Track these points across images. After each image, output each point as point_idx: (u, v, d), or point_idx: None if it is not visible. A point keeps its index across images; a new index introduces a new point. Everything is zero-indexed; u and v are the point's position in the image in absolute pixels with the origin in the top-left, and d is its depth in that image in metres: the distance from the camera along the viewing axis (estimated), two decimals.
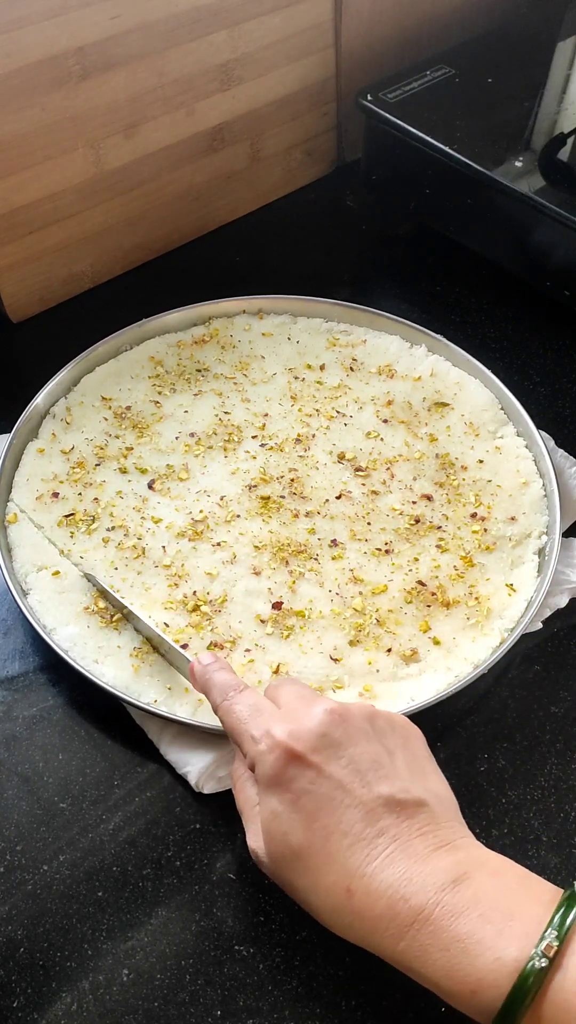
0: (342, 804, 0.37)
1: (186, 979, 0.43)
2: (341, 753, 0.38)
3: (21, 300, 0.72)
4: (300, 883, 0.38)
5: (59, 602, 0.54)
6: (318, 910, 0.38)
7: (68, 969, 0.44)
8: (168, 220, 0.77)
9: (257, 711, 0.41)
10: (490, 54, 0.81)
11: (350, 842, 0.36)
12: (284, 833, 0.38)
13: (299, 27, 0.74)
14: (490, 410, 0.64)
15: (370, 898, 0.35)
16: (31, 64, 0.60)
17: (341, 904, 0.36)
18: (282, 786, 0.38)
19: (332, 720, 0.39)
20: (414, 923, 0.34)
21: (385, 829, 0.37)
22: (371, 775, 0.38)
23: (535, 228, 0.68)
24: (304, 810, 0.37)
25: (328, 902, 0.37)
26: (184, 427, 0.64)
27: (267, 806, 0.39)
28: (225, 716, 0.42)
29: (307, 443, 0.63)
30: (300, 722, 0.39)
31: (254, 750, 0.39)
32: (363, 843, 0.36)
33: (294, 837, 0.37)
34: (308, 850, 0.37)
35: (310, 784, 0.37)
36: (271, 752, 0.39)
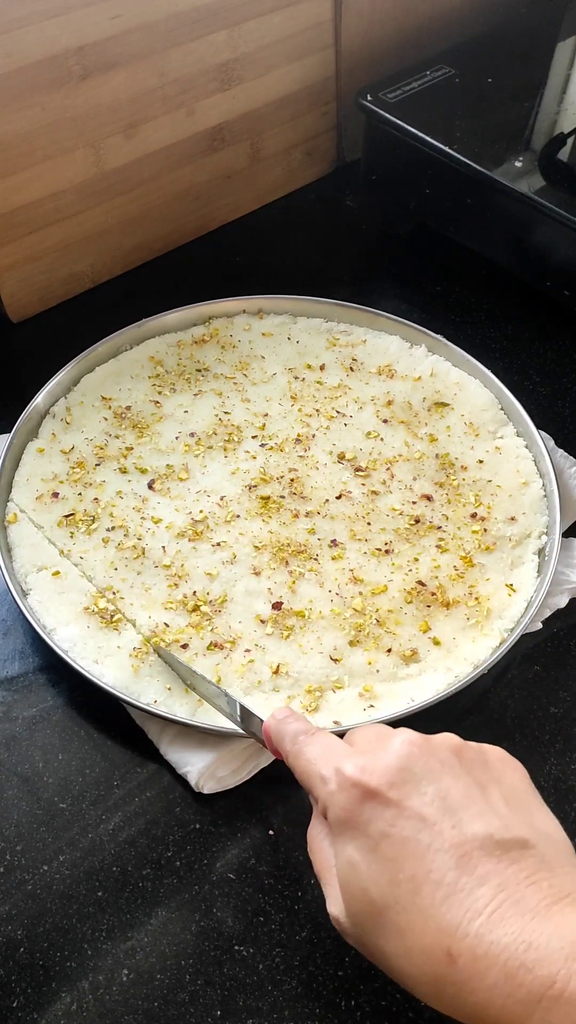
0: (430, 848, 0.31)
1: (186, 979, 0.43)
2: (424, 788, 0.33)
3: (21, 300, 0.72)
4: (389, 947, 0.32)
5: (59, 602, 0.54)
6: (415, 981, 0.31)
7: (68, 969, 0.44)
8: (168, 220, 0.77)
9: (329, 750, 0.36)
10: (490, 54, 0.81)
11: (445, 894, 0.31)
12: (365, 888, 0.32)
13: (299, 27, 0.74)
14: (490, 410, 0.64)
15: (479, 965, 0.29)
16: (31, 64, 0.60)
17: (441, 972, 0.30)
18: (357, 829, 0.33)
19: (411, 752, 0.34)
20: (542, 1000, 0.28)
21: (486, 877, 0.31)
22: (462, 812, 0.32)
23: (535, 228, 0.68)
24: (385, 858, 0.32)
25: (426, 970, 0.31)
26: (184, 427, 0.64)
27: (342, 856, 0.33)
28: (295, 761, 0.38)
29: (307, 443, 0.63)
30: (375, 756, 0.34)
31: (324, 792, 0.35)
32: (461, 895, 0.30)
33: (376, 891, 0.32)
34: (395, 906, 0.31)
35: (389, 826, 0.32)
36: (342, 791, 0.34)
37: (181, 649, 0.53)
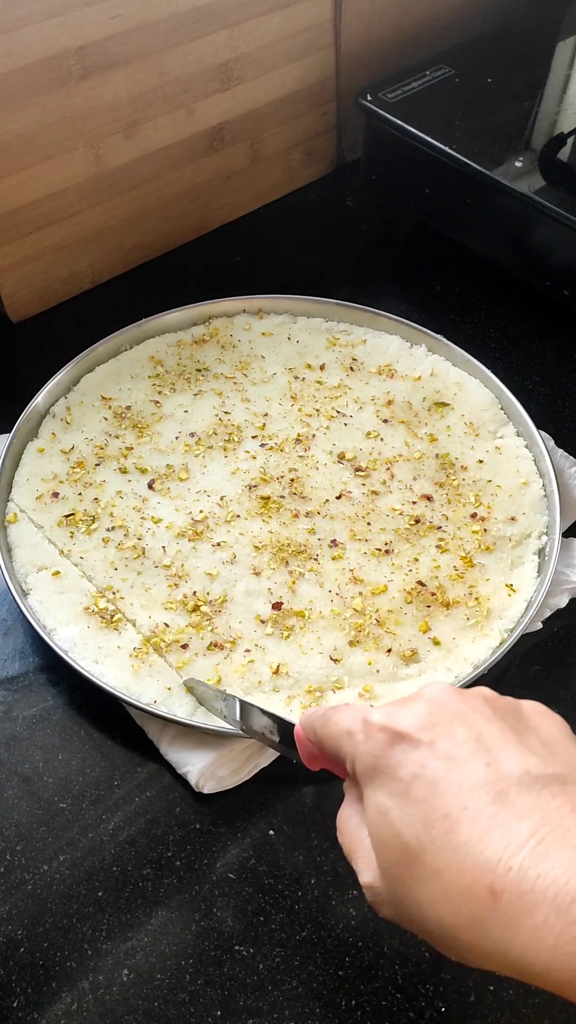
0: (464, 786, 0.29)
1: (186, 979, 0.43)
2: (455, 731, 0.31)
3: (21, 300, 0.72)
4: (424, 892, 0.29)
5: (59, 602, 0.54)
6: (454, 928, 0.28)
7: (68, 969, 0.44)
8: (168, 220, 0.77)
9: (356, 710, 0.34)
10: (490, 54, 0.81)
11: (483, 829, 0.28)
12: (397, 834, 0.30)
13: (299, 27, 0.74)
14: (490, 410, 0.64)
15: (526, 900, 0.26)
16: (31, 64, 0.60)
17: (483, 913, 0.27)
18: (387, 774, 0.31)
19: (440, 698, 0.32)
20: None
21: (526, 812, 0.28)
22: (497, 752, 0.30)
23: (535, 228, 0.68)
24: (417, 799, 0.30)
25: (465, 912, 0.28)
26: (184, 427, 0.64)
27: (372, 806, 0.31)
28: (323, 730, 0.35)
29: (307, 443, 0.63)
30: (403, 705, 0.33)
31: (350, 745, 0.33)
32: (501, 829, 0.28)
33: (410, 833, 0.29)
34: (430, 847, 0.29)
35: (420, 767, 0.30)
36: (369, 739, 0.32)
37: (181, 649, 0.53)
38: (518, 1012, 0.43)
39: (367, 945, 0.44)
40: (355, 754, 0.33)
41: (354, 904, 0.46)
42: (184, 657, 0.52)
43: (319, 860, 0.47)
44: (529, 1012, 0.43)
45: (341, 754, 0.34)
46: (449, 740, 0.31)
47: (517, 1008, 0.43)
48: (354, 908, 0.46)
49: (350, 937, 0.45)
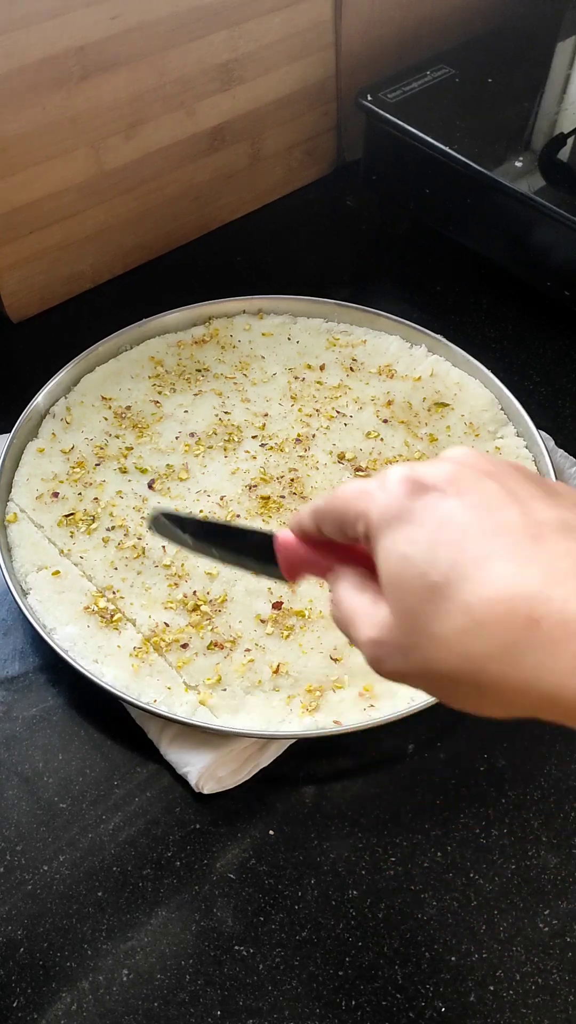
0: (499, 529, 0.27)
1: (186, 979, 0.43)
2: (485, 484, 0.29)
3: (21, 300, 0.72)
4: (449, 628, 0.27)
5: (59, 602, 0.54)
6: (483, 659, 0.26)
7: (68, 969, 0.44)
8: (168, 220, 0.77)
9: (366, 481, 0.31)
10: (490, 54, 0.81)
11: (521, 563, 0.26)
12: (422, 574, 0.27)
13: (299, 27, 0.74)
14: (490, 410, 0.64)
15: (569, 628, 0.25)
16: (31, 64, 0.60)
17: (520, 639, 0.26)
18: (409, 522, 0.28)
19: (470, 456, 0.30)
20: None
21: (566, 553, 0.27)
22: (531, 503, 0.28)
23: (535, 228, 0.68)
24: (444, 542, 0.27)
25: (498, 640, 0.26)
26: (184, 427, 0.64)
27: (392, 554, 0.28)
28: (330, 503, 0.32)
29: (307, 443, 0.63)
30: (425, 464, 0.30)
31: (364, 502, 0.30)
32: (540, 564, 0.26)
33: (436, 572, 0.27)
34: (459, 582, 0.27)
35: (449, 512, 0.28)
36: (388, 491, 0.29)
37: (181, 648, 0.53)
38: (518, 1012, 0.43)
39: (367, 945, 0.44)
40: (370, 510, 0.29)
41: (354, 904, 0.46)
42: (184, 656, 0.52)
43: (319, 860, 0.47)
44: (529, 1012, 0.43)
45: (350, 516, 0.31)
46: (479, 493, 0.28)
47: (517, 1008, 0.43)
48: (354, 908, 0.46)
49: (350, 937, 0.45)
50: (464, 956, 0.44)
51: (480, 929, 0.45)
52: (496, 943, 0.45)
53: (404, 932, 0.45)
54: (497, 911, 0.46)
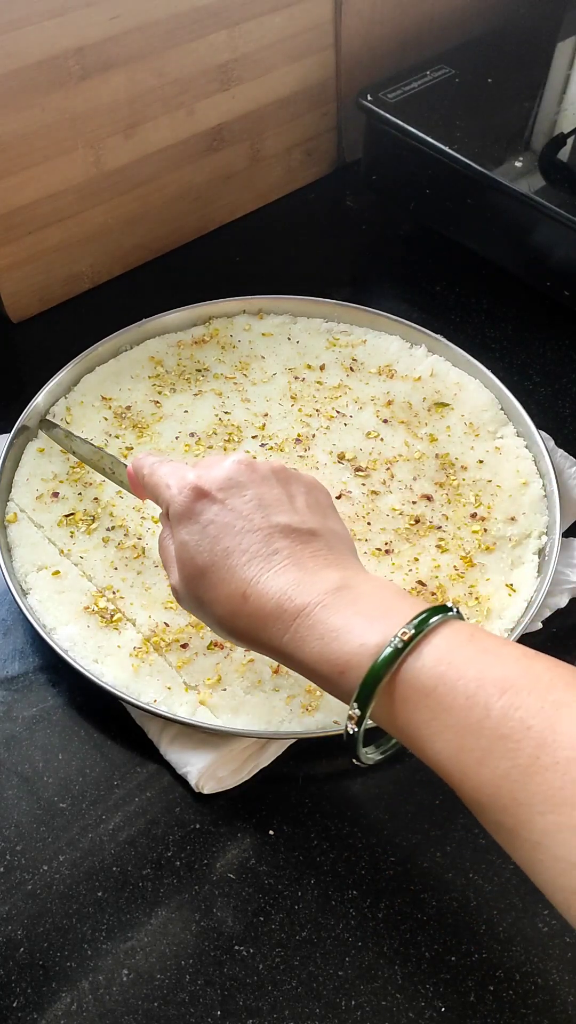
0: (243, 530, 0.41)
1: (186, 979, 0.43)
2: (244, 492, 0.43)
3: (21, 300, 0.72)
4: (206, 596, 0.42)
5: (59, 602, 0.54)
6: (220, 619, 0.42)
7: (68, 969, 0.44)
8: (168, 220, 0.77)
9: (176, 469, 0.45)
10: (490, 54, 0.81)
11: (248, 558, 0.41)
12: (192, 557, 0.42)
13: (299, 27, 0.74)
14: (490, 410, 0.64)
15: (262, 600, 0.40)
16: (31, 64, 0.60)
17: (238, 608, 0.40)
18: (191, 519, 0.42)
19: (239, 467, 0.44)
20: (297, 618, 0.39)
21: (280, 550, 0.41)
22: (271, 509, 0.42)
23: (535, 228, 0.68)
24: (209, 536, 0.42)
25: (227, 608, 0.41)
26: (184, 427, 0.64)
27: (179, 538, 0.43)
28: (149, 479, 0.47)
29: (307, 443, 0.63)
30: (210, 470, 0.44)
31: (168, 495, 0.44)
32: (260, 559, 0.41)
33: (200, 558, 0.42)
34: (211, 567, 0.41)
35: (215, 515, 0.42)
36: (181, 493, 0.43)
37: (181, 648, 0.53)
38: (518, 1012, 0.43)
39: (367, 945, 0.44)
40: (170, 502, 0.44)
41: (354, 904, 0.46)
42: (184, 656, 0.52)
43: (319, 860, 0.47)
44: (529, 1012, 0.43)
45: (160, 499, 0.45)
46: (239, 499, 0.43)
47: (517, 1008, 0.43)
48: (354, 908, 0.46)
49: (350, 937, 0.45)
50: (464, 956, 0.44)
51: (480, 929, 0.45)
52: (496, 943, 0.45)
53: (404, 932, 0.45)
54: (497, 911, 0.46)
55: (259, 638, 0.40)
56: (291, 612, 0.39)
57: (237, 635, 0.41)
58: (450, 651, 0.35)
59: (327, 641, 0.38)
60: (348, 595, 0.39)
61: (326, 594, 0.39)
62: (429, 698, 0.35)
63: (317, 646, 0.38)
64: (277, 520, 0.42)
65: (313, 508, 0.44)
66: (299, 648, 0.38)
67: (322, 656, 0.38)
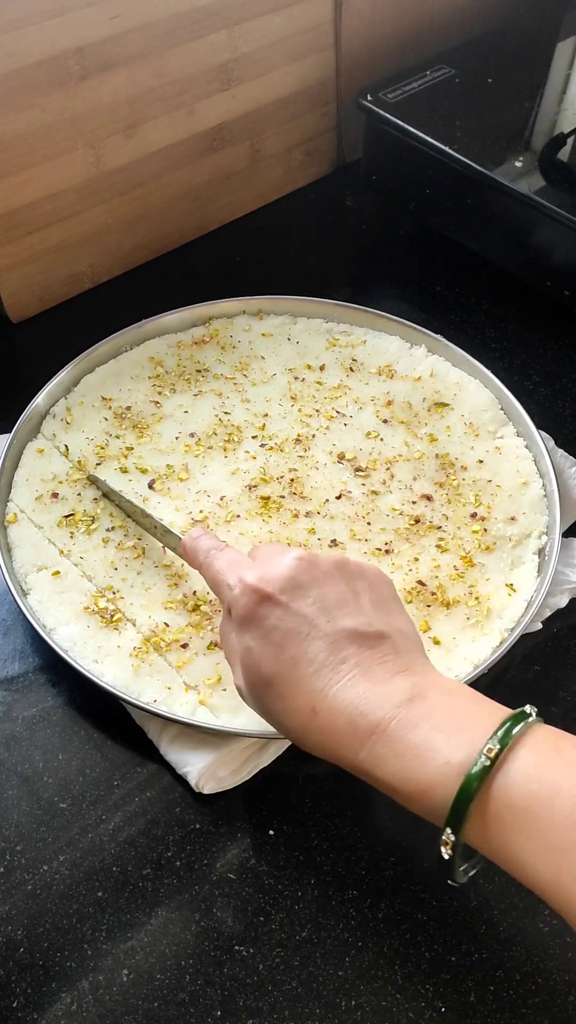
0: (308, 636, 0.40)
1: (186, 979, 0.43)
2: (308, 593, 0.41)
3: (21, 300, 0.72)
4: (273, 707, 0.41)
5: (59, 602, 0.54)
6: (289, 731, 0.41)
7: (68, 969, 0.44)
8: (168, 220, 0.77)
9: (234, 564, 0.44)
10: (490, 54, 0.81)
11: (315, 669, 0.39)
12: (257, 664, 0.41)
13: (299, 27, 0.74)
14: (490, 410, 0.64)
15: (333, 715, 0.38)
16: (31, 64, 0.60)
17: (307, 723, 0.39)
18: (254, 624, 0.41)
19: (300, 565, 0.42)
20: (372, 735, 0.37)
21: (348, 657, 0.39)
22: (336, 612, 0.41)
23: (535, 228, 0.68)
24: (274, 643, 0.40)
25: (296, 722, 0.40)
26: (184, 427, 0.64)
27: (243, 643, 0.42)
28: (207, 571, 0.46)
29: (307, 443, 0.63)
30: (270, 568, 0.42)
31: (230, 595, 0.43)
32: (327, 669, 0.39)
33: (265, 667, 0.40)
34: (277, 677, 0.40)
35: (279, 620, 0.41)
36: (243, 595, 0.42)
37: (181, 648, 0.53)
38: (518, 1012, 0.43)
39: (367, 945, 0.44)
40: (232, 603, 0.42)
41: (354, 904, 0.46)
42: (184, 656, 0.52)
43: (319, 860, 0.47)
44: (529, 1012, 0.43)
45: (220, 597, 0.44)
46: (303, 602, 0.41)
47: (517, 1008, 0.43)
48: (354, 908, 0.46)
49: (350, 937, 0.45)
50: (464, 956, 0.44)
51: (480, 929, 0.45)
52: (496, 943, 0.45)
53: (404, 932, 0.45)
54: (497, 911, 0.46)
55: (333, 754, 0.39)
56: (365, 729, 0.38)
57: (308, 748, 0.40)
58: (539, 766, 0.35)
59: (407, 760, 0.36)
60: (422, 707, 0.37)
61: (399, 707, 0.37)
62: (524, 818, 0.34)
63: (397, 765, 0.37)
64: (343, 624, 0.40)
65: (378, 606, 0.42)
66: (377, 767, 0.37)
67: (404, 776, 0.36)
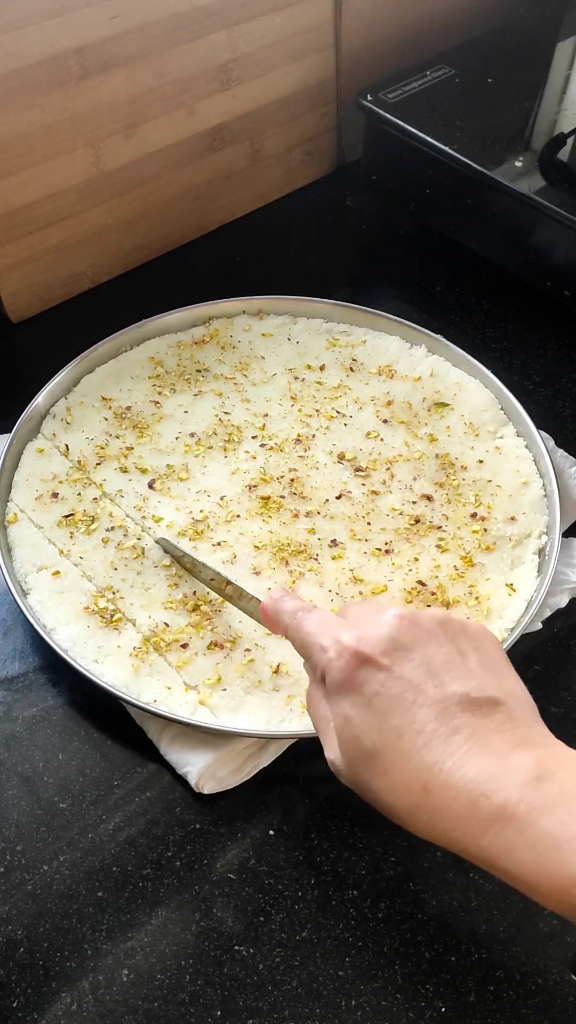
0: (415, 704, 0.36)
1: (186, 979, 0.43)
2: (412, 655, 0.38)
3: (21, 300, 0.72)
4: (376, 784, 0.37)
5: (59, 602, 0.54)
6: (395, 810, 0.37)
7: (68, 969, 0.44)
8: (168, 220, 0.77)
9: (327, 624, 0.40)
10: (490, 54, 0.81)
11: (425, 740, 0.35)
12: (357, 736, 0.37)
13: (299, 27, 0.74)
14: (490, 410, 0.64)
15: (448, 794, 0.34)
16: (31, 64, 0.60)
17: (418, 802, 0.35)
18: (353, 690, 0.37)
19: (402, 624, 0.38)
20: (497, 820, 0.33)
21: (460, 727, 0.36)
22: (444, 675, 0.37)
23: (535, 228, 0.68)
24: (376, 711, 0.37)
25: (405, 801, 0.36)
26: (184, 427, 0.64)
27: (339, 712, 0.38)
28: (295, 634, 0.42)
29: (307, 443, 0.63)
30: (369, 628, 0.39)
31: (324, 659, 0.39)
32: (438, 740, 0.35)
33: (367, 738, 0.37)
34: (382, 750, 0.36)
35: (381, 686, 0.37)
36: (340, 658, 0.38)
37: (181, 648, 0.53)
38: (518, 1012, 0.43)
39: (367, 945, 0.44)
40: (326, 668, 0.38)
41: (354, 904, 0.46)
42: (184, 656, 0.52)
43: (319, 860, 0.47)
44: (529, 1012, 0.43)
45: (311, 660, 0.40)
46: (407, 664, 0.37)
47: (517, 1008, 0.43)
48: (354, 908, 0.46)
49: (350, 937, 0.45)
50: (464, 956, 0.44)
51: (480, 929, 0.45)
52: (496, 943, 0.45)
53: (404, 932, 0.45)
54: (497, 911, 0.46)
55: (446, 837, 0.35)
56: (488, 813, 0.33)
57: (417, 829, 0.36)
58: None
59: (542, 852, 0.33)
60: (552, 787, 0.34)
61: (526, 787, 0.33)
62: None
63: (530, 857, 0.33)
64: (452, 689, 0.37)
65: (488, 668, 0.38)
66: (505, 856, 0.33)
67: (539, 870, 0.33)
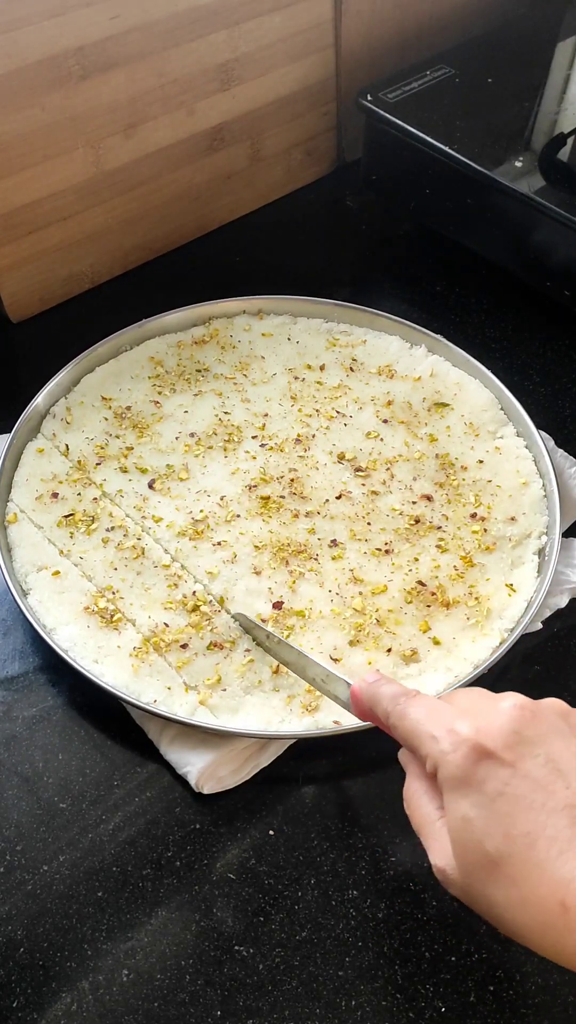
0: (544, 807, 0.33)
1: (186, 979, 0.43)
2: (537, 751, 0.34)
3: (21, 300, 0.72)
4: (501, 897, 0.33)
5: (59, 602, 0.54)
6: (524, 928, 0.33)
7: (68, 969, 0.44)
8: (168, 220, 0.77)
9: (437, 711, 0.37)
10: (490, 54, 0.81)
11: (560, 849, 0.32)
12: (479, 841, 0.33)
13: (299, 27, 0.74)
14: (490, 410, 0.64)
15: None
16: (31, 64, 0.60)
17: (554, 921, 0.31)
18: (472, 787, 0.34)
19: (523, 716, 0.35)
20: None
21: None
22: (573, 775, 0.33)
23: (535, 228, 0.68)
24: (500, 813, 0.33)
25: (538, 919, 0.32)
26: (184, 427, 0.64)
27: (456, 812, 0.34)
28: (399, 721, 0.38)
29: (307, 443, 0.63)
30: (487, 718, 0.35)
31: (436, 750, 0.35)
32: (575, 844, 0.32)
33: (491, 844, 0.33)
34: (510, 859, 0.32)
35: (505, 785, 0.33)
36: (456, 750, 0.34)
37: (181, 649, 0.53)
38: (518, 1012, 0.43)
39: (367, 945, 0.44)
40: (439, 761, 0.35)
41: (354, 904, 0.46)
42: (184, 656, 0.52)
43: (319, 860, 0.47)
44: (529, 1012, 0.43)
45: (420, 752, 0.36)
46: (532, 761, 0.34)
47: (517, 1008, 0.43)
48: (354, 908, 0.46)
49: (350, 937, 0.45)
50: (464, 956, 0.44)
51: (480, 929, 0.45)
52: (496, 943, 0.45)
53: (404, 932, 0.45)
54: None
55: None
56: None
57: (553, 952, 0.32)
58: None
59: None
60: None
61: None
62: None
63: None
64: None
65: None
66: None
67: None
